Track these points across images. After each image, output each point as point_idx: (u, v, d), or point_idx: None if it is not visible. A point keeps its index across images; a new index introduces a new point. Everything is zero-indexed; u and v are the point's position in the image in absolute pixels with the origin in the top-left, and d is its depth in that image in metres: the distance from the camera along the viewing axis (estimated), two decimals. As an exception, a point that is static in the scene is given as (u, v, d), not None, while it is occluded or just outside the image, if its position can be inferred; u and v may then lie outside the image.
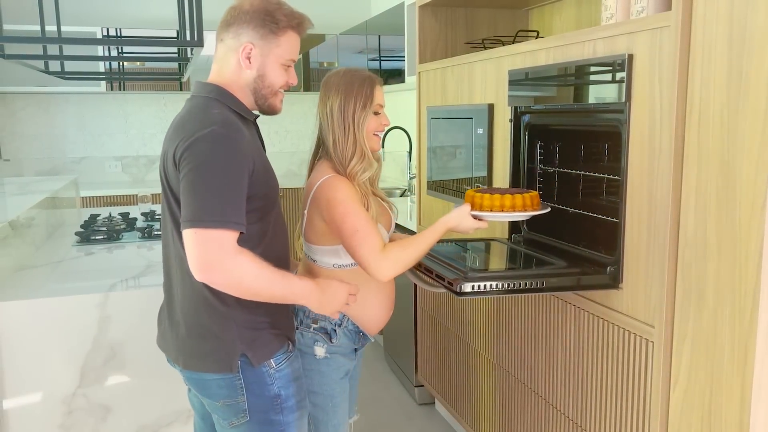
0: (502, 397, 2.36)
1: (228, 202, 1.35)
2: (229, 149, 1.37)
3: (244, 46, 1.48)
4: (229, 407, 1.53)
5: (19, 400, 1.93)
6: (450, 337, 2.79)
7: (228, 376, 1.49)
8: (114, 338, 1.99)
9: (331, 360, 1.75)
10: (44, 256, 2.48)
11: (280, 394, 1.53)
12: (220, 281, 1.37)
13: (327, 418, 1.78)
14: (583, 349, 1.86)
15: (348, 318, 1.75)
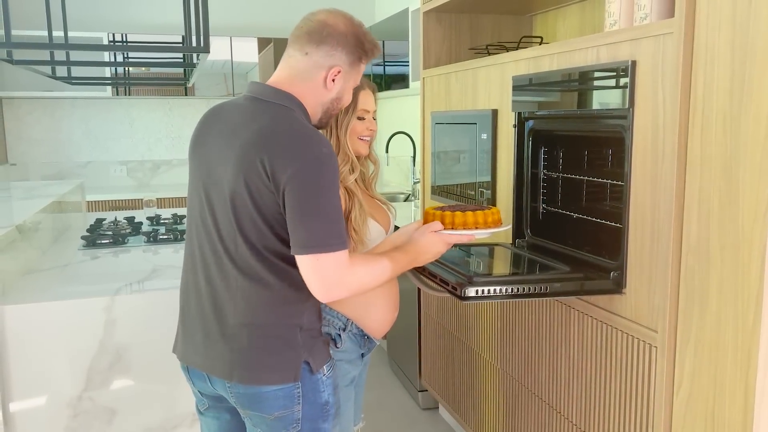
0: (506, 402, 2.36)
1: (338, 223, 1.37)
2: (335, 171, 1.38)
3: (334, 69, 1.47)
4: (281, 420, 1.47)
5: (25, 403, 1.95)
6: (454, 341, 2.80)
7: (288, 386, 1.45)
8: (120, 342, 2.01)
9: (336, 367, 1.74)
10: (51, 260, 2.50)
11: (329, 401, 1.53)
12: (346, 295, 1.42)
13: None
14: (587, 354, 1.87)
15: (352, 322, 1.75)
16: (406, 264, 1.54)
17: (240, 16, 5.00)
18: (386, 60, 4.35)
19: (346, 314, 1.73)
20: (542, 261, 1.95)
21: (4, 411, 1.91)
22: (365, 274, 1.43)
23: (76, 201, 3.55)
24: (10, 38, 2.04)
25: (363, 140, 1.77)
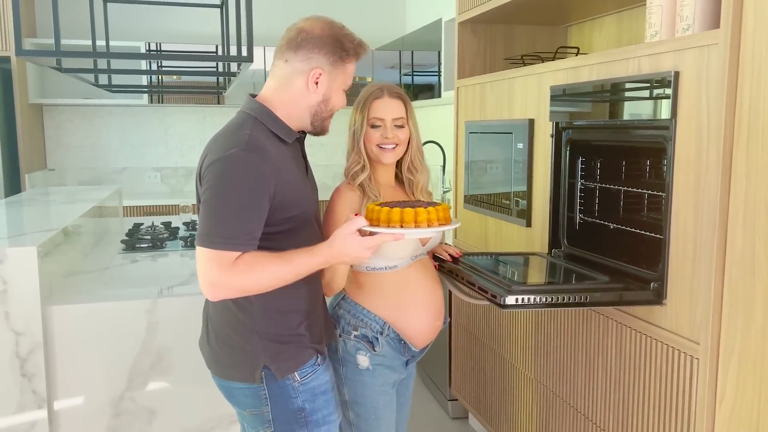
0: (540, 413, 2.36)
1: (236, 224, 1.39)
2: (246, 172, 1.40)
3: (314, 71, 1.50)
4: (255, 417, 1.55)
5: (69, 401, 1.99)
6: (485, 351, 2.80)
7: (252, 386, 1.52)
8: (161, 343, 2.05)
9: (375, 371, 1.75)
10: (92, 263, 2.56)
11: (305, 408, 1.54)
12: (228, 295, 1.44)
13: (369, 428, 1.77)
14: (625, 365, 1.86)
15: (389, 325, 1.75)
16: (316, 266, 1.48)
17: (274, 25, 5.08)
18: (415, 70, 4.38)
19: (382, 317, 1.74)
20: (580, 271, 1.94)
21: (49, 408, 1.96)
22: (249, 278, 1.40)
23: (113, 206, 3.63)
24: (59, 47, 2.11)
25: (383, 149, 1.78)
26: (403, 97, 1.82)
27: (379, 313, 1.75)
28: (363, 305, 1.76)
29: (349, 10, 5.05)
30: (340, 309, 1.79)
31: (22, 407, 1.92)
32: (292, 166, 1.54)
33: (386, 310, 1.75)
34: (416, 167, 1.85)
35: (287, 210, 1.48)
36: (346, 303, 1.78)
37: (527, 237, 2.37)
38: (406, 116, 1.81)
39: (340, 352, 1.75)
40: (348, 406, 1.77)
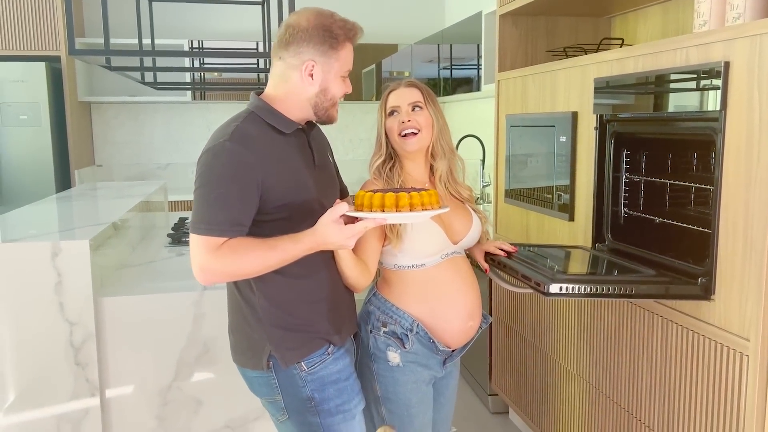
0: (582, 409, 2.34)
1: (220, 211, 1.44)
2: (229, 161, 1.44)
3: (306, 64, 1.52)
4: (271, 404, 1.60)
5: (120, 390, 2.06)
6: (526, 346, 2.78)
7: (264, 374, 1.56)
8: (207, 335, 2.10)
9: (405, 368, 1.73)
10: (140, 256, 2.63)
11: (314, 397, 1.55)
12: (216, 279, 1.49)
13: (403, 425, 1.75)
14: (671, 361, 1.83)
15: (418, 323, 1.72)
16: (301, 252, 1.47)
17: (313, 22, 5.11)
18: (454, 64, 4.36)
19: (411, 314, 1.72)
20: (625, 264, 1.92)
21: (101, 396, 2.03)
22: (234, 262, 1.44)
23: (159, 201, 3.72)
24: (109, 46, 2.17)
25: (404, 137, 1.76)
26: (419, 86, 1.81)
27: (408, 310, 1.73)
28: (392, 302, 1.74)
29: (388, 5, 5.05)
30: (371, 305, 1.78)
31: (76, 395, 2.00)
32: (292, 155, 1.55)
33: (415, 308, 1.73)
34: (437, 153, 1.81)
35: (280, 198, 1.50)
36: (376, 299, 1.78)
37: (570, 231, 2.34)
38: (424, 100, 1.78)
39: (371, 347, 1.74)
40: (381, 402, 1.76)
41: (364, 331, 1.77)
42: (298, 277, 1.55)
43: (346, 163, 1.84)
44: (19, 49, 4.34)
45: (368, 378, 1.76)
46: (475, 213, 1.86)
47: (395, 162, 1.81)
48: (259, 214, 1.49)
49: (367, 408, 1.77)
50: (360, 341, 1.78)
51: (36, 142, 4.34)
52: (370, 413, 1.78)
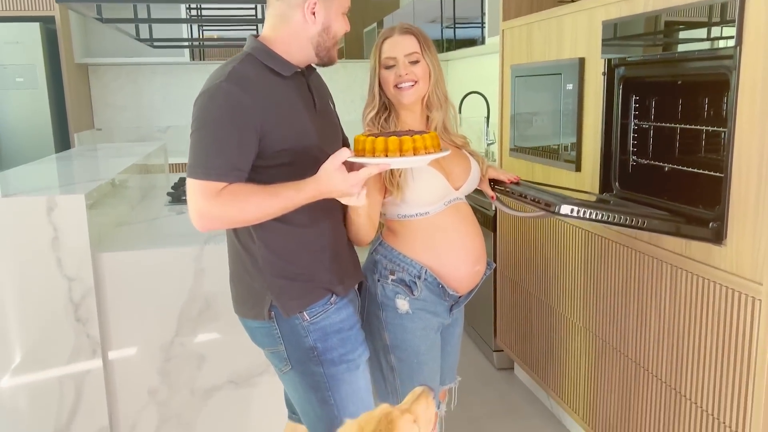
0: (588, 361, 2.32)
1: (217, 154, 1.39)
2: (225, 103, 1.39)
3: (309, 2, 1.47)
4: (273, 355, 1.58)
5: (122, 345, 2.04)
6: (531, 300, 2.75)
7: (266, 324, 1.53)
8: (208, 290, 2.07)
9: (414, 315, 1.72)
10: (140, 215, 2.60)
11: (316, 347, 1.53)
12: (215, 226, 1.44)
13: (413, 373, 1.75)
14: (680, 310, 1.80)
15: (426, 270, 1.71)
16: (303, 200, 1.41)
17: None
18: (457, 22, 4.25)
19: (419, 261, 1.71)
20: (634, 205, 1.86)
21: (103, 352, 2.01)
22: (233, 209, 1.39)
23: (159, 164, 3.68)
24: (100, -4, 2.11)
25: (400, 89, 1.70)
26: (415, 32, 1.73)
27: (416, 257, 1.71)
28: (399, 250, 1.72)
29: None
30: (377, 254, 1.76)
31: (77, 351, 1.98)
32: (291, 99, 1.51)
33: (422, 255, 1.71)
34: (432, 104, 1.76)
35: (280, 142, 1.45)
36: (382, 248, 1.75)
37: (576, 182, 2.29)
38: (421, 50, 1.71)
39: (379, 296, 1.73)
40: (390, 351, 1.75)
41: (370, 281, 1.75)
42: (300, 225, 1.51)
43: (347, 123, 1.77)
44: (12, 9, 4.25)
45: (376, 327, 1.74)
46: (472, 156, 1.83)
47: (390, 112, 1.76)
48: (258, 160, 1.44)
49: (375, 357, 1.75)
50: (365, 291, 1.75)
51: (33, 105, 4.29)
52: (378, 363, 1.76)
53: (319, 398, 1.56)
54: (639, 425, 2.03)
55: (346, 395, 1.56)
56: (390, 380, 1.77)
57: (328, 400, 1.55)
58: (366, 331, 1.73)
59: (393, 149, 1.37)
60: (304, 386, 1.57)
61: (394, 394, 1.77)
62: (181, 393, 2.10)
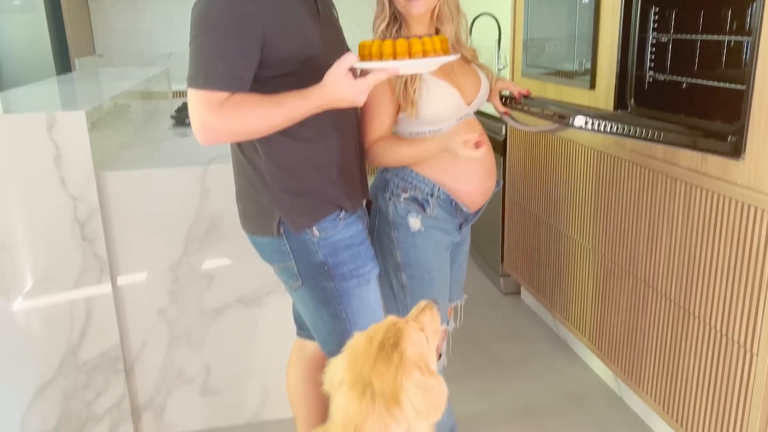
0: (597, 283, 2.31)
1: (219, 62, 1.32)
2: (226, 8, 1.32)
3: None
4: (283, 271, 1.56)
5: (129, 265, 2.05)
6: (540, 224, 2.73)
7: (275, 240, 1.50)
8: (214, 210, 2.05)
9: (426, 233, 1.71)
10: (143, 137, 2.56)
11: (327, 262, 1.51)
12: (219, 138, 1.38)
13: (423, 290, 1.75)
14: (692, 228, 1.77)
15: (439, 187, 1.69)
16: (310, 110, 1.36)
17: None
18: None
19: (432, 179, 1.68)
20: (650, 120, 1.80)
21: (112, 272, 2.02)
22: (237, 120, 1.33)
23: (162, 90, 3.61)
24: None
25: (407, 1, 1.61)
26: None
27: (429, 175, 1.69)
28: (411, 167, 1.69)
29: None
30: (388, 173, 1.73)
31: (85, 270, 1.98)
32: (294, 5, 1.43)
33: (435, 172, 1.69)
34: (444, 16, 1.68)
35: (282, 51, 1.39)
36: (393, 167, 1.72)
37: (590, 100, 2.22)
38: None
39: (390, 215, 1.71)
40: (401, 269, 1.75)
41: (381, 200, 1.72)
42: (306, 140, 1.47)
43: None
44: (5, -72, 4.09)
45: (388, 246, 1.73)
46: (481, 70, 1.77)
47: (401, 23, 1.68)
48: (260, 70, 1.38)
49: (386, 277, 1.75)
50: (375, 210, 1.73)
51: (32, 30, 4.18)
52: (388, 282, 1.76)
53: (330, 313, 1.55)
54: (645, 344, 2.04)
55: (358, 309, 1.56)
56: (400, 298, 1.77)
57: (339, 314, 1.55)
58: (376, 250, 1.72)
59: (401, 52, 1.29)
60: (316, 301, 1.56)
61: (404, 312, 1.77)
62: (190, 312, 2.12)
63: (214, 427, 2.24)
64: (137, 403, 2.16)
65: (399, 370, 1.13)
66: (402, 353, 1.15)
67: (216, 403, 2.23)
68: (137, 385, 2.15)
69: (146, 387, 2.16)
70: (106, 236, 1.99)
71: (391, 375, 1.12)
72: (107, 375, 2.08)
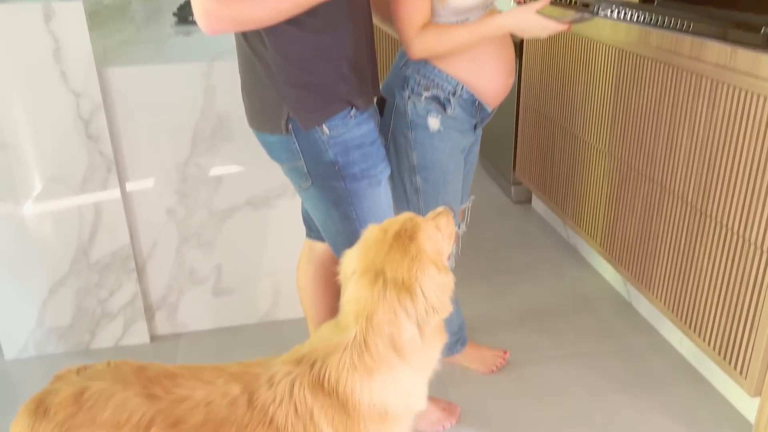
0: (611, 187, 2.27)
1: None
2: None
3: None
4: (293, 171, 1.51)
5: (135, 164, 2.02)
6: (555, 129, 2.66)
7: (284, 138, 1.45)
8: (220, 109, 2.00)
9: (444, 134, 1.66)
10: (145, 35, 2.48)
11: (338, 161, 1.46)
12: (221, 27, 1.29)
13: (438, 194, 1.72)
14: (715, 127, 1.70)
15: (462, 86, 1.62)
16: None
17: None
18: None
19: (456, 77, 1.61)
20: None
21: (118, 172, 1.99)
22: (241, 5, 1.25)
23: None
24: None
25: None
26: None
27: (453, 73, 1.61)
28: (434, 64, 1.61)
29: None
30: (408, 69, 1.64)
31: (92, 169, 1.96)
32: None
33: (459, 67, 1.61)
34: None
35: None
36: (415, 63, 1.64)
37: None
38: None
39: (409, 114, 1.65)
40: (416, 171, 1.70)
41: (399, 98, 1.65)
42: (315, 31, 1.38)
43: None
44: None
45: (403, 147, 1.68)
46: None
47: None
48: None
49: (399, 179, 1.72)
50: (391, 109, 1.67)
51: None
52: (402, 185, 1.73)
53: (340, 213, 1.52)
54: (658, 248, 2.02)
55: (368, 210, 1.53)
56: (413, 202, 1.74)
57: (350, 214, 1.52)
58: (391, 151, 1.68)
59: None
60: (326, 202, 1.53)
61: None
62: (199, 213, 2.11)
63: (227, 326, 2.28)
64: (150, 302, 2.20)
65: (415, 263, 1.12)
66: (419, 246, 1.13)
67: (228, 303, 2.26)
68: (149, 284, 2.17)
69: (158, 287, 2.18)
70: (111, 134, 1.95)
71: (406, 266, 1.11)
72: (119, 274, 2.09)
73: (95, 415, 1.05)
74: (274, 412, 1.09)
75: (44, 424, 1.04)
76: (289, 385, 1.11)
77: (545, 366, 2.05)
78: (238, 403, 1.10)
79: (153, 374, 1.11)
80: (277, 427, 1.09)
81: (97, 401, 1.05)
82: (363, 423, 1.11)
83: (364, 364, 1.11)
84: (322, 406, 1.11)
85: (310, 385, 1.11)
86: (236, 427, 1.08)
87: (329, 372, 1.11)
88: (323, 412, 1.10)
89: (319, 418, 1.10)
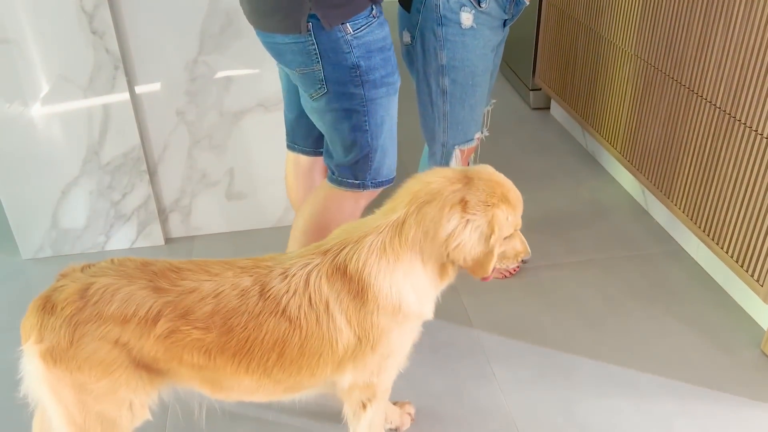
0: (635, 91, 2.18)
1: None
2: None
3: None
4: (305, 76, 1.40)
5: (143, 61, 1.95)
6: (579, 29, 2.54)
7: (300, 39, 1.33)
8: (228, 5, 1.90)
9: (477, 31, 1.57)
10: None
11: (360, 65, 1.35)
12: None
13: (465, 96, 1.65)
14: (752, 28, 1.60)
15: None
16: None
17: None
18: None
19: None
20: None
21: (126, 69, 1.93)
22: None
23: None
24: None
25: None
26: None
27: None
28: None
29: None
30: None
31: (98, 67, 1.90)
32: None
33: None
34: None
35: None
36: None
37: None
38: None
39: (440, 9, 1.54)
40: (444, 72, 1.62)
41: None
42: None
43: None
44: None
45: (432, 45, 1.59)
46: None
47: None
48: None
49: (425, 81, 1.66)
50: (422, 3, 1.57)
51: None
52: (427, 87, 1.66)
53: (352, 125, 1.42)
54: (681, 154, 1.96)
55: (382, 122, 1.44)
56: (438, 105, 1.68)
57: (362, 126, 1.42)
58: (418, 50, 1.61)
59: None
60: (337, 113, 1.42)
61: (442, 120, 1.69)
62: (210, 114, 2.06)
63: (240, 230, 2.28)
64: (163, 205, 2.19)
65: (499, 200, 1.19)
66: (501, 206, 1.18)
67: (241, 207, 2.24)
68: (162, 187, 2.16)
69: (171, 189, 2.17)
70: (117, 30, 1.87)
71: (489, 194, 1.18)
72: (131, 176, 2.07)
73: (102, 309, 1.05)
74: (287, 303, 1.10)
75: (52, 320, 1.04)
76: (305, 276, 1.11)
77: (559, 272, 2.05)
78: (249, 294, 1.09)
79: (158, 269, 1.10)
80: (290, 317, 1.09)
81: (103, 296, 1.05)
82: (376, 313, 1.12)
83: (393, 249, 1.11)
84: (339, 294, 1.11)
85: (328, 275, 1.11)
86: (247, 317, 1.08)
87: (358, 254, 1.11)
88: (339, 301, 1.11)
89: (333, 307, 1.11)
